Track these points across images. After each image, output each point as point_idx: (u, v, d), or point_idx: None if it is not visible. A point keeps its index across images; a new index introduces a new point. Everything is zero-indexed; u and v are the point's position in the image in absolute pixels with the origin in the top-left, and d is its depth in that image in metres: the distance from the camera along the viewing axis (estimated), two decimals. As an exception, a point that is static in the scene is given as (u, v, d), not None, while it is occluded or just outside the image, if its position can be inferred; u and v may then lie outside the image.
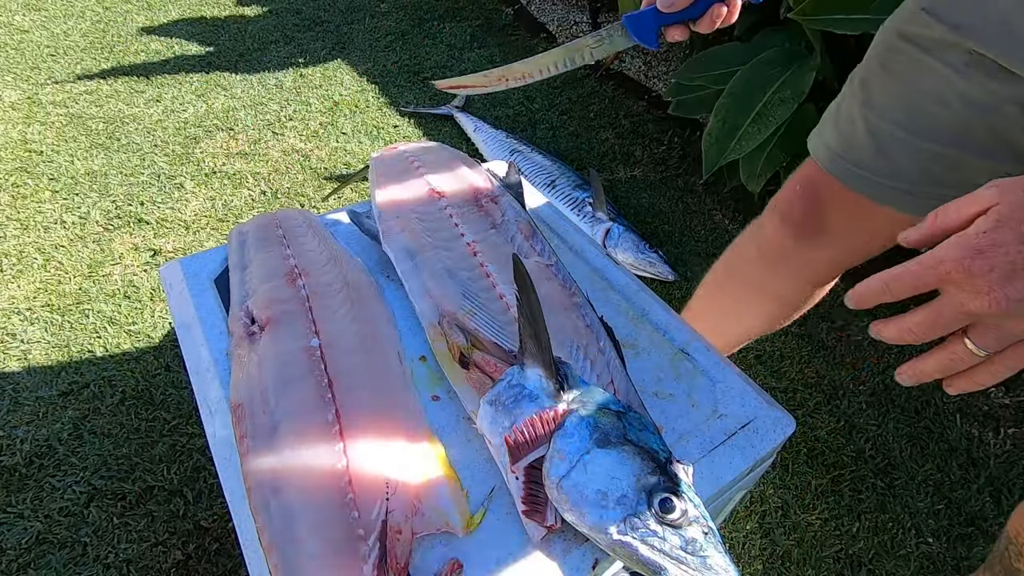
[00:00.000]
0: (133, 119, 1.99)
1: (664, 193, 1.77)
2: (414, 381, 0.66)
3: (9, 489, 1.07)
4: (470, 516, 0.54)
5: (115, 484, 1.08)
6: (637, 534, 0.48)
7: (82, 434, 1.15)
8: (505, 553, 0.53)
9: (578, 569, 0.52)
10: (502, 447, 0.55)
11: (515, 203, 0.84)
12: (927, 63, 0.65)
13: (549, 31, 2.56)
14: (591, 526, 0.49)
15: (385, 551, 0.49)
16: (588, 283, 0.79)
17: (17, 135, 1.89)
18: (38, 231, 1.57)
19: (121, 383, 1.24)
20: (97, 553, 1.00)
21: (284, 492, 0.53)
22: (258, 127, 1.99)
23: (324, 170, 1.83)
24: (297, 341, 0.66)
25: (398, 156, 0.92)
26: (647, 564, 0.47)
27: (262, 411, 0.60)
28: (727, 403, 0.65)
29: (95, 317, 1.36)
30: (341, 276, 0.75)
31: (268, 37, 2.49)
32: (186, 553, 1.00)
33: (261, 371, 0.63)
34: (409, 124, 2.05)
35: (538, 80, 0.73)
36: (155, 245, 1.55)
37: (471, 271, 0.73)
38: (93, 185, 1.72)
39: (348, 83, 2.23)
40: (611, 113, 2.10)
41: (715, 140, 1.48)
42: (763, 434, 0.63)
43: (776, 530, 1.09)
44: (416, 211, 0.82)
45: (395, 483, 0.54)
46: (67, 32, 2.46)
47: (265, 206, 1.70)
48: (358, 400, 0.60)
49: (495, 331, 0.65)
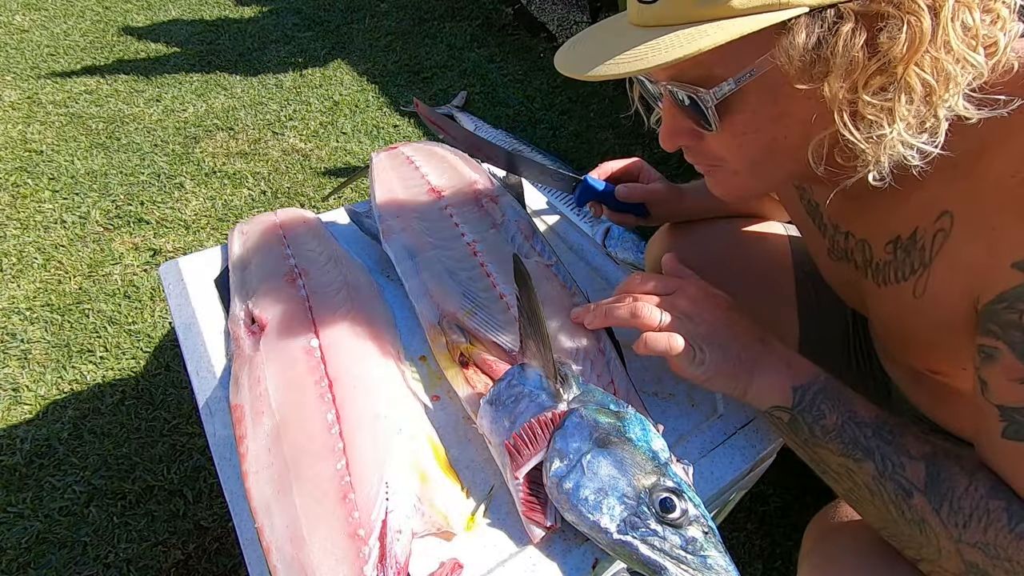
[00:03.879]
0: (133, 119, 1.99)
1: (664, 193, 1.77)
2: (414, 381, 0.66)
3: (9, 488, 1.07)
4: (470, 516, 0.54)
5: (115, 484, 1.08)
6: (637, 534, 0.48)
7: (82, 434, 1.15)
8: (505, 553, 0.53)
9: (578, 569, 0.52)
10: (502, 447, 0.55)
11: (515, 203, 0.84)
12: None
13: (549, 31, 2.56)
14: (591, 526, 0.49)
15: (385, 551, 0.49)
16: (588, 283, 0.78)
17: (17, 135, 1.89)
18: (38, 231, 1.57)
19: (121, 383, 1.24)
20: (97, 552, 1.00)
21: (284, 492, 0.53)
22: (258, 127, 1.99)
23: (324, 170, 1.83)
24: (297, 341, 0.66)
25: (398, 156, 0.92)
26: (647, 564, 0.47)
27: (262, 411, 0.60)
28: (727, 403, 0.65)
29: (95, 317, 1.36)
30: (341, 276, 0.75)
31: (268, 37, 2.49)
32: (186, 553, 1.00)
33: (261, 371, 0.63)
34: (409, 124, 2.05)
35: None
36: (155, 245, 1.55)
37: (471, 271, 0.73)
38: (93, 185, 1.72)
39: (348, 83, 2.23)
40: (611, 113, 2.10)
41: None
42: (763, 434, 0.63)
43: (776, 530, 1.08)
44: (416, 211, 0.82)
45: (395, 483, 0.54)
46: (67, 32, 2.46)
47: (265, 206, 1.70)
48: (358, 400, 0.60)
49: (495, 331, 0.65)
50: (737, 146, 0.51)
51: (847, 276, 0.66)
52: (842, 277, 0.68)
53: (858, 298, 0.68)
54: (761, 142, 0.50)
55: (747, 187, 0.56)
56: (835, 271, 0.69)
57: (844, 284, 0.70)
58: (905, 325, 0.57)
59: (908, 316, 0.55)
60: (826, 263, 0.70)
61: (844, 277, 0.67)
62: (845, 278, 0.67)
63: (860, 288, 0.64)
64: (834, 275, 0.71)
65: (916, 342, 0.58)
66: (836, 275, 0.70)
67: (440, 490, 0.55)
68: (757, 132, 0.49)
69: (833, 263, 0.68)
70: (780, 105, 0.47)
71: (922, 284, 0.52)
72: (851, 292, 0.69)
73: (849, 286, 0.68)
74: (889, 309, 0.59)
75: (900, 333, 0.60)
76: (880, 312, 0.62)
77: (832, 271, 0.70)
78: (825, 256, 0.69)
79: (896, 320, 0.58)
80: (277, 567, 0.49)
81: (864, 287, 0.63)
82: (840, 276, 0.69)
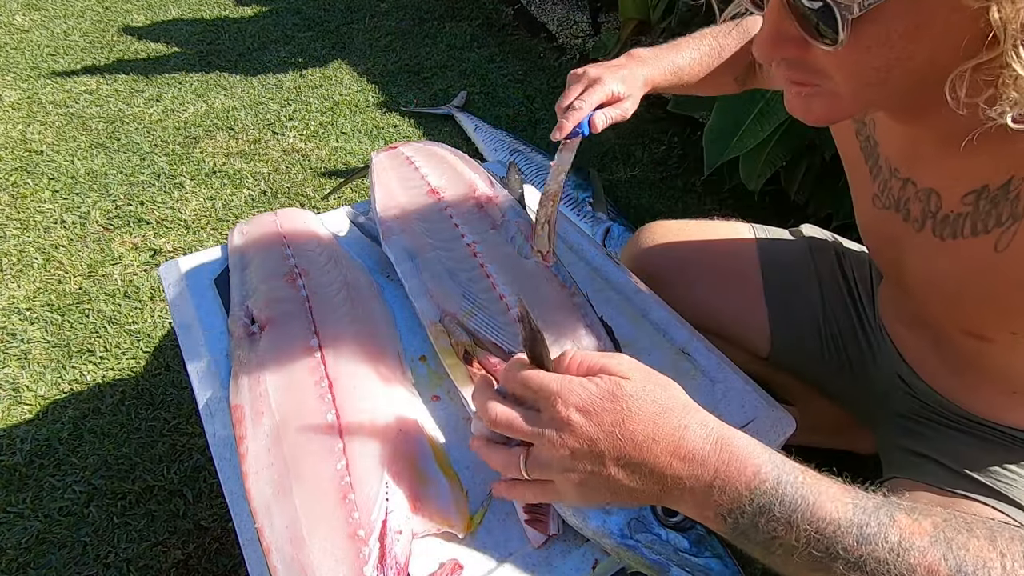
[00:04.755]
0: (133, 119, 1.99)
1: (664, 193, 1.77)
2: (414, 381, 0.66)
3: (9, 489, 1.07)
4: (470, 516, 0.54)
5: (115, 484, 1.08)
6: (641, 537, 0.48)
7: (82, 434, 1.15)
8: (505, 553, 0.53)
9: (578, 570, 0.52)
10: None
11: (515, 203, 0.84)
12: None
13: (549, 31, 2.56)
14: (595, 530, 0.49)
15: (385, 551, 0.49)
16: (588, 283, 0.78)
17: (17, 135, 1.89)
18: (38, 231, 1.57)
19: (121, 383, 1.24)
20: (97, 552, 1.00)
21: (284, 492, 0.53)
22: (258, 127, 1.99)
23: (324, 170, 1.83)
24: (297, 341, 0.66)
25: (398, 156, 0.92)
26: (652, 566, 0.48)
27: (262, 411, 0.60)
28: (727, 403, 0.65)
29: (95, 317, 1.36)
30: (341, 276, 0.75)
31: (268, 37, 2.49)
32: (186, 553, 1.00)
33: (261, 371, 0.63)
34: (409, 124, 2.05)
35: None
36: (155, 245, 1.55)
37: (471, 272, 0.73)
38: (93, 185, 1.72)
39: (348, 83, 2.23)
40: (611, 113, 2.10)
41: (716, 137, 1.47)
42: (763, 434, 0.63)
43: (776, 530, 1.09)
44: (416, 211, 0.82)
45: (395, 483, 0.54)
46: (67, 32, 2.46)
47: (265, 206, 1.70)
48: (358, 400, 0.60)
49: (495, 332, 0.65)
50: (854, 62, 0.42)
51: (889, 228, 0.62)
52: (882, 229, 0.64)
53: (893, 252, 0.64)
54: (883, 60, 0.41)
55: (841, 111, 0.49)
56: (875, 221, 0.66)
57: (881, 236, 0.66)
58: (969, 284, 0.54)
59: (978, 274, 0.52)
60: (867, 211, 0.66)
61: (885, 229, 0.63)
62: (886, 230, 0.63)
63: (903, 242, 0.61)
64: (872, 225, 0.68)
65: (973, 300, 0.55)
66: (875, 226, 0.66)
67: (440, 490, 0.55)
68: (883, 47, 0.41)
69: (875, 212, 0.64)
70: (922, 17, 0.38)
71: (1007, 237, 0.48)
72: (888, 247, 0.65)
73: (887, 239, 0.64)
74: (949, 264, 0.55)
75: (957, 290, 0.56)
76: (931, 268, 0.59)
77: (871, 220, 0.67)
78: (868, 203, 0.65)
79: (955, 277, 0.55)
80: (277, 567, 0.49)
81: (912, 241, 0.59)
82: (880, 227, 0.65)
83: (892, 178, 0.61)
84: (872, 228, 0.69)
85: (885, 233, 0.64)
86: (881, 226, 0.65)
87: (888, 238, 0.64)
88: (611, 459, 0.43)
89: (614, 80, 0.74)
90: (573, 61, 2.36)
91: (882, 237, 0.67)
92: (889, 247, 0.65)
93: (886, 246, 0.66)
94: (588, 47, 2.37)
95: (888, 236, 0.64)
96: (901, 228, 0.60)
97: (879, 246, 0.70)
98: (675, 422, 0.43)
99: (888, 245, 0.65)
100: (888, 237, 0.64)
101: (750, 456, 0.42)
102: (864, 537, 0.39)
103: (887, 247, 0.66)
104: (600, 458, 0.43)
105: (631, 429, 0.43)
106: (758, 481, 0.41)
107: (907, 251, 0.62)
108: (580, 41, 2.45)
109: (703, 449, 0.42)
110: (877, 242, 0.70)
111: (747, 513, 0.41)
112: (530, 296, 0.71)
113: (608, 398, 0.43)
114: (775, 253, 0.89)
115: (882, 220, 0.64)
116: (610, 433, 0.43)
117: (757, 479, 0.41)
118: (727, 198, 1.74)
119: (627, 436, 0.42)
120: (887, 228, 0.63)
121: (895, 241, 0.63)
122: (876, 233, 0.68)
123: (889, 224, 0.62)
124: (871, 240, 0.71)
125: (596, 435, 0.43)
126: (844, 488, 0.42)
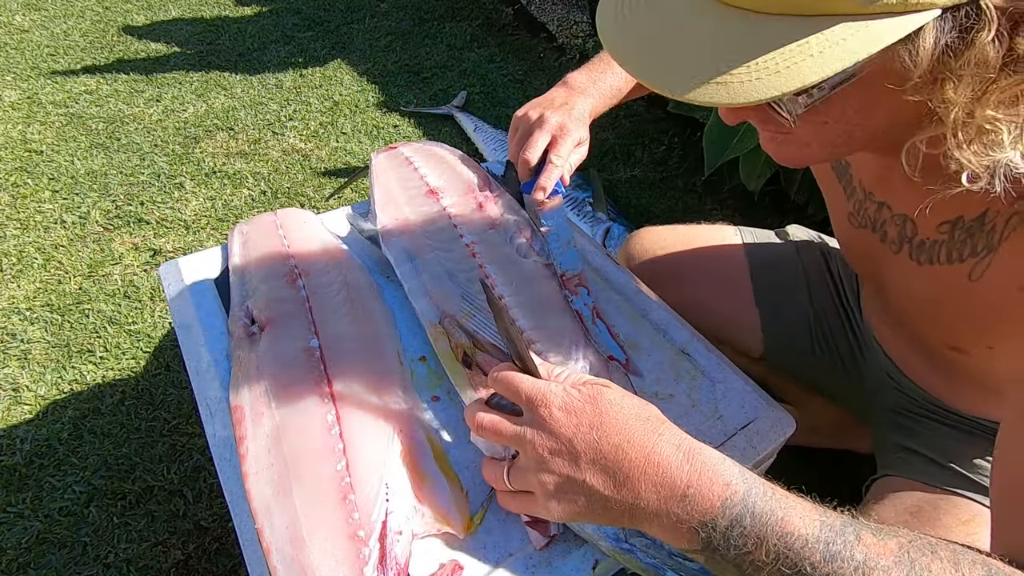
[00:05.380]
0: (133, 119, 1.99)
1: (664, 193, 1.77)
2: (414, 381, 0.66)
3: (9, 489, 1.07)
4: (470, 517, 0.54)
5: (115, 484, 1.08)
6: (636, 541, 0.48)
7: (82, 434, 1.15)
8: (505, 554, 0.53)
9: (578, 570, 0.52)
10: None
11: (515, 203, 0.84)
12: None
13: (549, 31, 2.56)
14: (592, 532, 0.49)
15: (385, 552, 0.49)
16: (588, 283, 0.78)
17: (17, 135, 1.89)
18: (38, 231, 1.57)
19: (121, 383, 1.24)
20: (97, 553, 1.00)
21: (284, 493, 0.53)
22: (258, 127, 1.99)
23: (324, 170, 1.83)
24: (297, 341, 0.66)
25: (397, 156, 0.92)
26: (647, 569, 0.48)
27: (262, 412, 0.60)
28: (727, 403, 0.65)
29: (95, 317, 1.36)
30: (341, 276, 0.75)
31: (268, 37, 2.49)
32: (186, 553, 1.00)
33: (261, 372, 0.63)
34: (409, 124, 2.05)
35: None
36: (155, 245, 1.55)
37: (469, 272, 0.73)
38: (93, 185, 1.72)
39: (348, 83, 2.23)
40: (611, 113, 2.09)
41: (716, 137, 1.47)
42: (763, 434, 0.63)
43: (776, 530, 1.09)
44: (415, 212, 0.82)
45: (395, 484, 0.54)
46: (67, 32, 2.46)
47: (265, 206, 1.70)
48: (358, 400, 0.60)
49: (494, 333, 0.65)
50: (814, 132, 0.45)
51: (867, 246, 0.63)
52: (860, 245, 0.65)
53: (872, 267, 0.65)
54: (842, 129, 0.44)
55: (812, 158, 0.51)
56: (853, 238, 0.66)
57: (860, 252, 0.67)
58: (945, 305, 0.55)
59: (953, 297, 0.53)
60: (844, 228, 0.67)
61: (863, 246, 0.64)
62: (864, 247, 0.64)
63: (881, 261, 0.61)
64: (851, 242, 0.68)
65: (949, 318, 0.56)
66: (853, 243, 0.67)
67: (440, 491, 0.55)
68: (839, 123, 0.44)
69: (853, 230, 0.64)
70: (874, 99, 0.41)
71: (981, 268, 0.49)
72: (866, 261, 0.66)
73: (865, 255, 0.65)
74: (925, 287, 0.56)
75: (934, 309, 0.57)
76: (909, 287, 0.59)
77: (849, 237, 0.67)
78: (844, 220, 0.66)
79: (933, 299, 0.56)
80: (277, 568, 0.49)
81: (890, 261, 0.60)
82: (857, 244, 0.66)
83: (867, 200, 0.61)
84: (850, 244, 0.70)
85: (863, 250, 0.65)
86: (859, 243, 0.65)
87: (867, 255, 0.65)
88: (586, 461, 0.44)
89: (576, 125, 0.77)
90: (573, 61, 2.36)
91: (861, 253, 0.67)
92: (868, 262, 0.66)
93: (865, 261, 0.67)
94: (588, 47, 2.37)
95: (866, 253, 0.64)
96: (879, 248, 0.61)
97: (859, 260, 0.70)
98: (650, 430, 0.44)
99: (867, 260, 0.66)
100: (867, 254, 0.65)
101: (720, 469, 0.42)
102: (831, 554, 0.39)
103: (866, 262, 0.67)
104: (575, 459, 0.44)
105: (607, 432, 0.44)
106: (729, 492, 0.41)
107: (885, 268, 0.63)
108: (580, 41, 2.45)
109: (676, 458, 0.43)
110: (857, 257, 0.70)
111: (719, 527, 0.41)
112: (529, 296, 0.71)
113: (588, 401, 0.45)
114: (763, 255, 0.90)
115: (859, 237, 0.64)
116: (587, 435, 0.44)
117: (728, 490, 0.41)
118: (727, 198, 1.74)
119: (603, 438, 0.44)
120: (865, 245, 0.64)
121: (874, 258, 0.63)
122: (855, 249, 0.69)
123: (867, 242, 0.63)
124: (851, 255, 0.72)
125: (573, 435, 0.44)
126: (812, 505, 0.42)
